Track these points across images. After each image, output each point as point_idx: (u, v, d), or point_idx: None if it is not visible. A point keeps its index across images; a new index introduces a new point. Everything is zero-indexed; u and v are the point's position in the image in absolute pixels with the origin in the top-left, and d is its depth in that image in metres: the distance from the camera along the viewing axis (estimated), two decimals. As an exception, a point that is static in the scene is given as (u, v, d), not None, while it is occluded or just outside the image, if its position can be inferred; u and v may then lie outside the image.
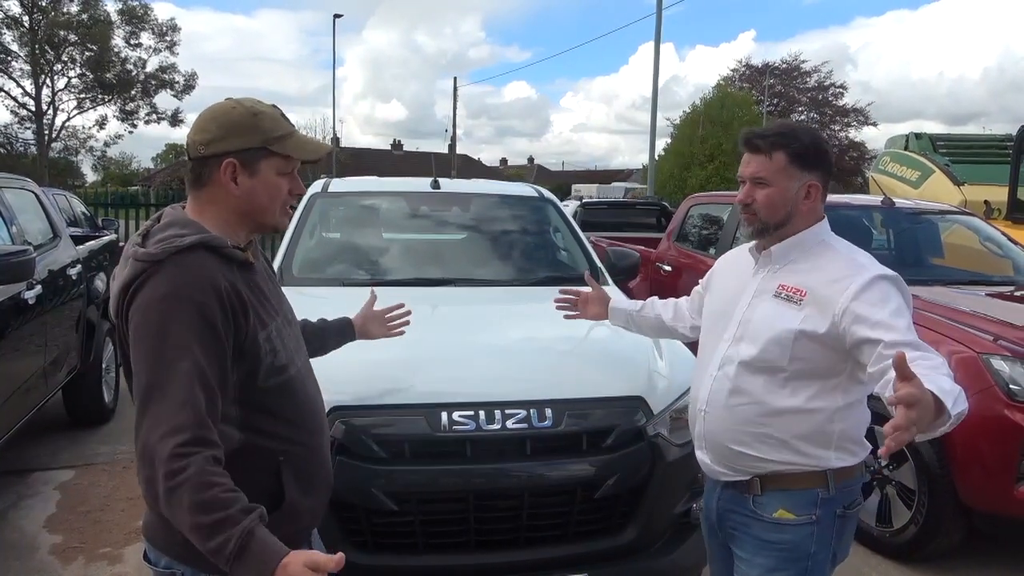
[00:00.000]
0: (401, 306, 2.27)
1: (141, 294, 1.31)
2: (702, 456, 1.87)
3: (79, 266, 5.00)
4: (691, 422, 1.90)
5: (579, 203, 11.55)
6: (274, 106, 1.49)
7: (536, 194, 4.30)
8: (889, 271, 1.68)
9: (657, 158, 24.82)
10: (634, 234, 9.03)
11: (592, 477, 2.28)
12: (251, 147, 1.40)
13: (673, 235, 6.41)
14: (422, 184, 4.11)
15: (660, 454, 2.35)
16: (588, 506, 2.29)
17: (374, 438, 2.21)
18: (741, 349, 1.76)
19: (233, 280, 1.37)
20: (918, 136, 11.97)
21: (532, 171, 54.02)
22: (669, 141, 34.55)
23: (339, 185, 4.19)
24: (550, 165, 63.74)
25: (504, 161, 62.42)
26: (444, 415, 2.22)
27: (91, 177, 37.03)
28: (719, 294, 1.94)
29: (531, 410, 2.26)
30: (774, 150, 1.73)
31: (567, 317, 2.40)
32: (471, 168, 42.15)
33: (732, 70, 41.79)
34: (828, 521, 1.72)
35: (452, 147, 37.70)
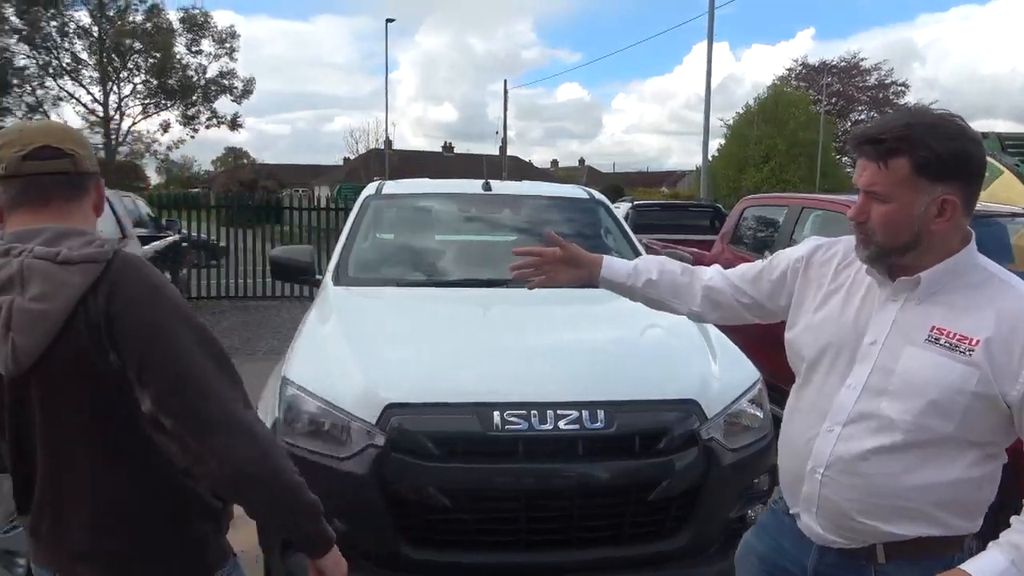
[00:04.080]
0: None
1: (123, 293, 1.23)
2: (809, 522, 1.49)
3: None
4: (791, 477, 1.53)
5: (631, 205, 11.48)
6: None
7: (587, 196, 4.30)
8: None
9: (711, 159, 24.49)
10: (687, 237, 8.94)
11: (644, 480, 2.27)
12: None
13: (727, 237, 6.33)
14: (474, 186, 4.15)
15: (714, 458, 2.33)
16: (640, 509, 2.28)
17: (427, 436, 2.24)
18: (884, 407, 1.38)
19: None
20: (985, 136, 11.54)
21: (583, 173, 53.87)
22: (723, 142, 34.05)
23: (392, 187, 4.26)
24: (601, 167, 63.50)
25: (555, 163, 62.46)
26: (496, 415, 2.24)
27: (155, 179, 38.41)
28: (828, 313, 1.51)
29: (583, 411, 2.27)
30: (891, 157, 1.32)
31: (530, 286, 1.91)
32: (522, 170, 42.24)
33: (788, 69, 40.96)
34: None
35: (503, 149, 37.86)
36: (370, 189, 4.13)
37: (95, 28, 28.23)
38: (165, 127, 30.48)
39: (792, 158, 30.54)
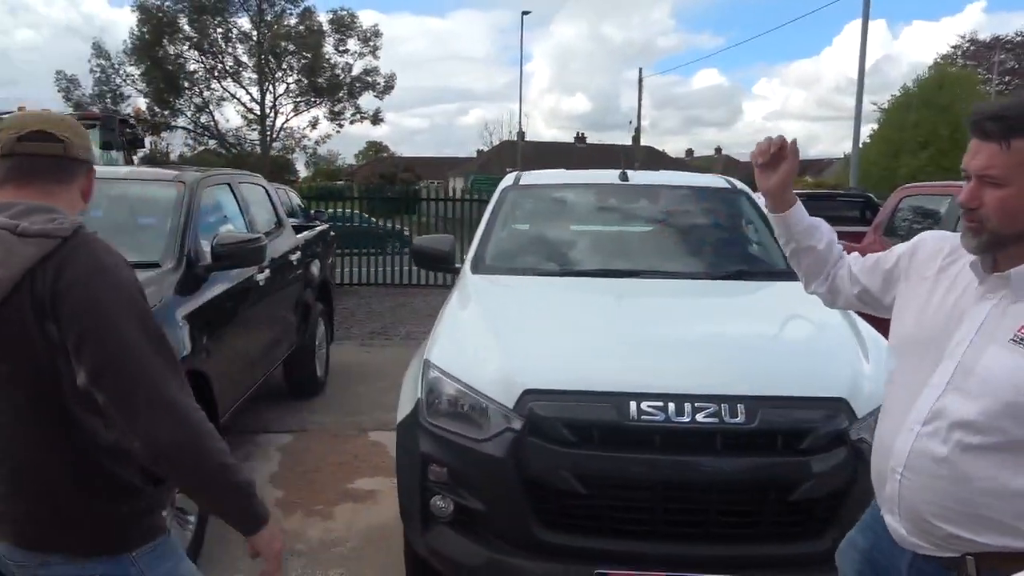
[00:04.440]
0: None
1: (75, 268, 1.28)
2: (893, 523, 1.46)
3: (298, 253, 5.57)
4: (877, 476, 1.50)
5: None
6: None
7: (728, 185, 4.17)
8: None
9: (861, 146, 22.94)
10: (836, 228, 8.43)
11: (785, 479, 2.20)
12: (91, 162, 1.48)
13: (881, 229, 5.95)
14: (611, 176, 4.14)
15: (864, 460, 2.20)
16: (782, 508, 2.21)
17: (564, 422, 2.28)
18: (960, 406, 1.33)
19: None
20: None
21: (720, 162, 52.07)
22: (875, 127, 31.77)
23: (530, 178, 4.32)
24: (740, 156, 61.00)
25: (690, 152, 60.71)
26: (633, 404, 2.24)
27: (303, 173, 40.90)
28: (923, 309, 1.47)
29: (722, 405, 2.22)
30: (1013, 136, 1.26)
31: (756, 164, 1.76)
32: (655, 160, 41.44)
33: (953, 47, 37.54)
34: None
35: (636, 139, 37.28)
36: (508, 180, 4.22)
37: (255, 32, 30.43)
38: (314, 123, 32.44)
39: (955, 144, 28.03)
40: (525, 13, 32.03)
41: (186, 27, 29.57)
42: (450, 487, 2.39)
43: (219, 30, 30.06)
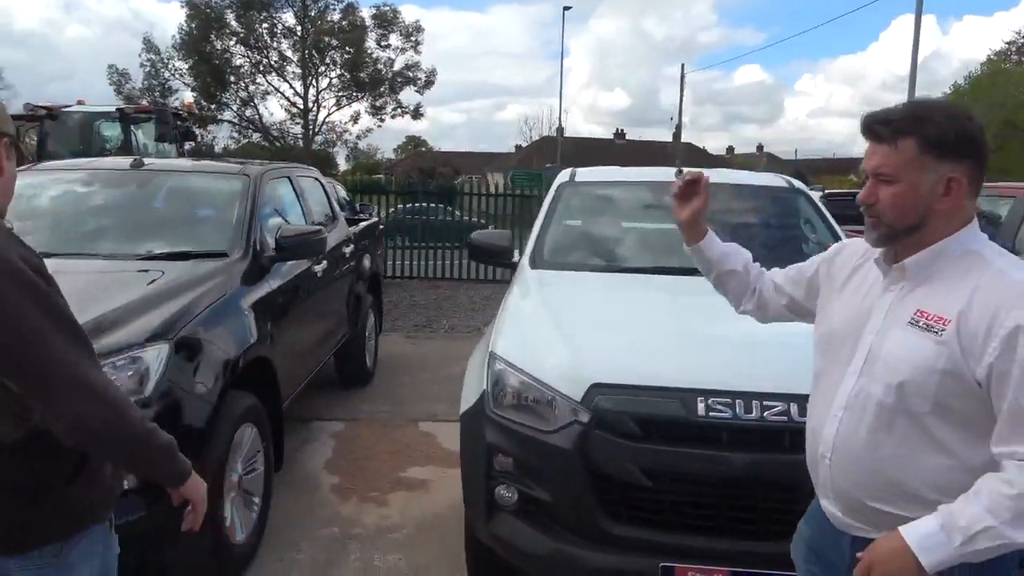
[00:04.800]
0: None
1: None
2: (828, 507, 1.56)
3: (351, 245, 5.67)
4: (811, 464, 1.60)
5: (821, 194, 10.84)
6: None
7: (786, 184, 4.15)
8: None
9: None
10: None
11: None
12: None
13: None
14: (666, 173, 4.13)
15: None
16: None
17: (631, 416, 2.31)
18: (872, 388, 1.44)
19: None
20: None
21: (761, 159, 51.32)
22: (923, 126, 30.91)
23: (585, 174, 4.34)
24: (782, 153, 60.05)
25: (731, 149, 59.84)
26: (700, 401, 2.26)
27: (343, 167, 41.40)
28: (839, 308, 1.59)
29: (791, 404, 2.23)
30: (899, 137, 1.39)
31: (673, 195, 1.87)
32: (696, 157, 41.07)
33: (1008, 43, 36.40)
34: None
35: (677, 135, 36.92)
36: (564, 176, 4.24)
37: (299, 28, 30.87)
38: (356, 117, 32.81)
39: (1002, 144, 27.20)
40: (566, 8, 31.94)
41: (233, 22, 30.13)
42: (515, 477, 2.44)
43: (264, 25, 30.59)
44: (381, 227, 7.38)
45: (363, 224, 7.07)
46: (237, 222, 3.78)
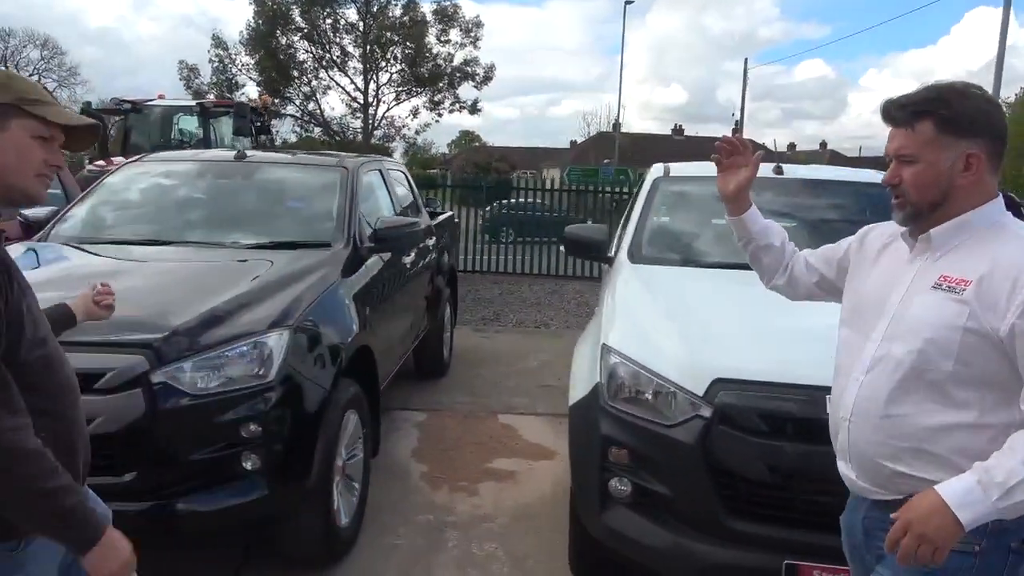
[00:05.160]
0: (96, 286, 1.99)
1: None
2: (845, 470, 1.63)
3: (432, 238, 5.75)
4: (833, 429, 1.67)
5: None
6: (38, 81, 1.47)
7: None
8: None
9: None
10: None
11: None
12: (1, 102, 1.34)
13: None
14: (764, 169, 4.06)
15: None
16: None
17: (756, 412, 2.28)
18: (894, 349, 1.50)
19: None
20: None
21: (824, 156, 50.00)
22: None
23: (680, 170, 4.30)
24: (845, 150, 58.31)
25: (792, 146, 58.38)
26: (828, 398, 2.22)
27: (400, 161, 41.88)
28: (866, 282, 1.66)
29: None
30: (917, 120, 1.48)
31: (716, 163, 1.92)
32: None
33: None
34: (997, 555, 1.42)
35: (737, 131, 36.16)
36: (658, 171, 4.21)
37: (361, 23, 31.32)
38: (415, 112, 33.12)
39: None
40: (628, 2, 31.59)
41: (298, 18, 30.74)
42: (631, 470, 2.44)
43: (328, 21, 31.10)
44: (457, 221, 7.44)
45: (441, 217, 7.16)
46: (338, 213, 3.86)
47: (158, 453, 2.50)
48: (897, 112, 1.51)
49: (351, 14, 31.32)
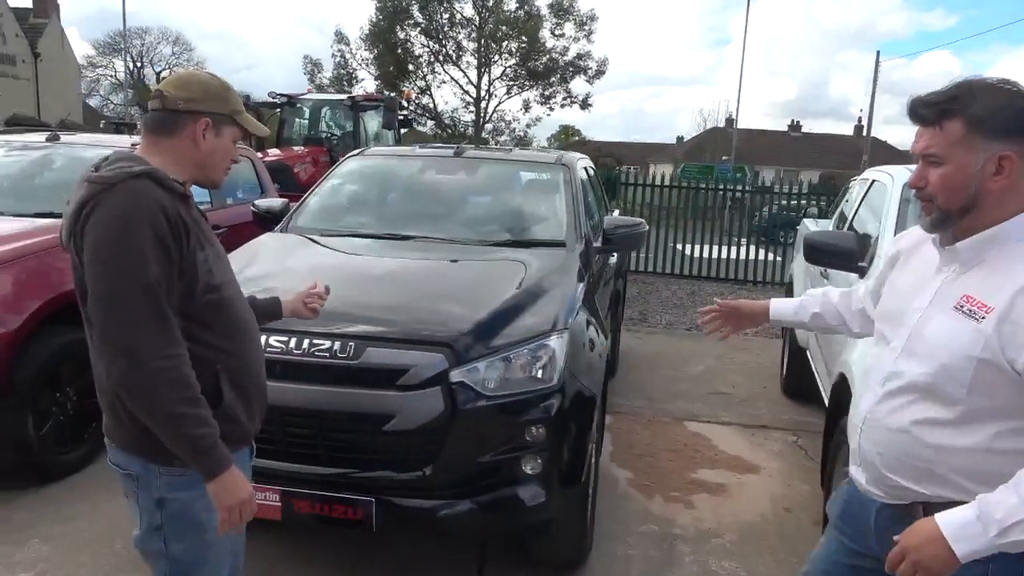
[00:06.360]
0: (315, 286, 2.19)
1: (96, 213, 1.46)
2: (855, 473, 1.62)
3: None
4: (850, 430, 1.65)
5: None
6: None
7: None
8: None
9: None
10: None
11: None
12: (223, 113, 1.62)
13: None
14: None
15: None
16: None
17: None
18: (910, 367, 1.45)
19: (176, 206, 1.52)
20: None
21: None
22: None
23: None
24: (971, 151, 54.31)
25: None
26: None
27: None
28: (898, 280, 1.62)
29: None
30: (945, 118, 1.38)
31: (722, 336, 2.11)
32: (880, 152, 38.18)
33: None
34: (1008, 571, 1.36)
35: (865, 128, 34.45)
36: (902, 176, 3.93)
37: (476, 18, 31.63)
38: (526, 106, 33.21)
39: None
40: (750, -5, 30.55)
41: (416, 13, 31.35)
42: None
43: (445, 16, 31.58)
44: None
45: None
46: (569, 212, 3.81)
47: (450, 453, 2.50)
48: (924, 110, 1.42)
49: (467, 9, 31.70)
